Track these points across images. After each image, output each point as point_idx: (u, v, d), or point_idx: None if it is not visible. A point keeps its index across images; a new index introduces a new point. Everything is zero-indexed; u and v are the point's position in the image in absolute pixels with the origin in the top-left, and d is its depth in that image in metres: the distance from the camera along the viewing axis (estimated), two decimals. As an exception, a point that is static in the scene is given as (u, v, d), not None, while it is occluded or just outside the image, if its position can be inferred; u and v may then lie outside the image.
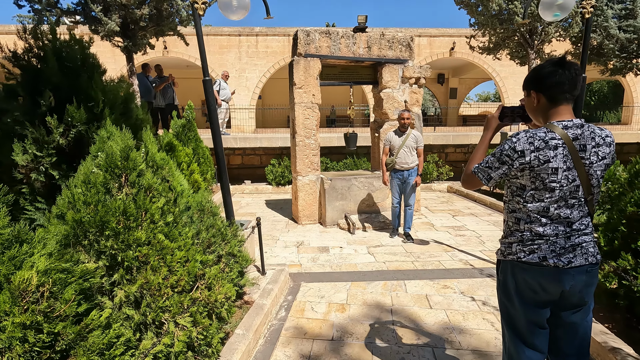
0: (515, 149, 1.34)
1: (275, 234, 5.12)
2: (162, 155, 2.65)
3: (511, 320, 1.50)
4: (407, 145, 4.52)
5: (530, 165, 1.32)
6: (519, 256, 1.41)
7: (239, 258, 2.72)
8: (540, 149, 1.31)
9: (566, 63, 1.33)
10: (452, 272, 3.75)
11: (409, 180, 4.57)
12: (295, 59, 5.23)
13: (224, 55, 14.95)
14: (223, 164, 2.89)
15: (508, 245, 1.46)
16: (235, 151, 9.67)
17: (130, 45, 6.86)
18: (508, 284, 1.47)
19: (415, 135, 4.56)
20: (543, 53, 8.39)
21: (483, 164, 1.45)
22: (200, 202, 2.65)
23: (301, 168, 5.49)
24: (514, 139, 1.36)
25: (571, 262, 1.34)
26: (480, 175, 1.45)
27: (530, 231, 1.39)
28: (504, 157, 1.37)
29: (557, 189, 1.33)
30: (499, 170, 1.39)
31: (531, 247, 1.39)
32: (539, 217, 1.37)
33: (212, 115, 2.78)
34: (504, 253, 1.48)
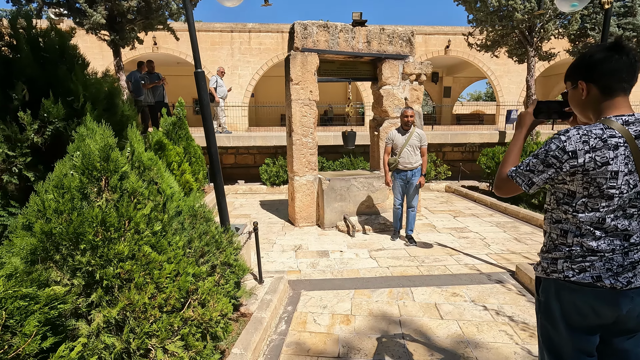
0: (565, 150, 1.12)
1: (271, 237, 4.89)
2: (150, 155, 2.39)
3: (554, 347, 1.29)
4: (411, 144, 4.31)
5: (585, 168, 1.11)
6: (567, 275, 1.20)
7: (236, 268, 2.49)
8: (597, 148, 1.09)
9: (623, 47, 1.12)
10: (459, 277, 3.56)
11: (413, 180, 4.36)
12: (292, 54, 4.99)
13: (216, 52, 14.61)
14: (217, 165, 2.65)
15: (552, 262, 1.25)
16: (228, 150, 9.39)
17: (117, 39, 6.54)
18: (552, 306, 1.25)
19: (419, 133, 4.35)
20: (541, 50, 8.27)
21: (522, 167, 1.23)
22: (192, 206, 2.40)
23: (298, 168, 5.26)
24: (563, 137, 1.14)
25: (631, 282, 1.14)
26: (520, 180, 1.23)
27: (581, 246, 1.18)
28: (550, 158, 1.15)
29: (617, 197, 1.12)
30: (543, 174, 1.18)
31: (582, 265, 1.18)
32: (591, 229, 1.16)
33: (205, 111, 2.54)
34: (547, 270, 1.26)
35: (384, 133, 5.56)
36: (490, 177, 7.70)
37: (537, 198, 6.02)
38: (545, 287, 1.29)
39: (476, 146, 9.66)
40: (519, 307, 2.96)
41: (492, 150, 7.58)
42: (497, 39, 8.45)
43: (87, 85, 2.91)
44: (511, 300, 3.07)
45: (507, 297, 3.13)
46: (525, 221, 5.56)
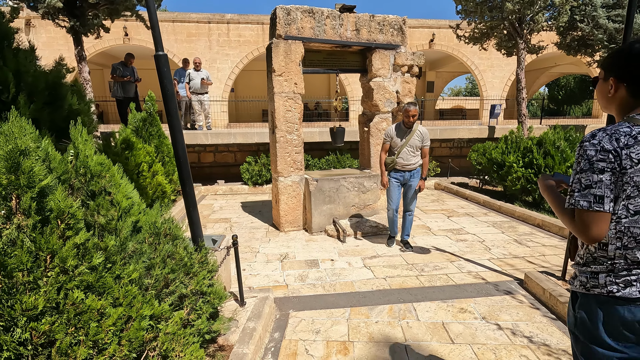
0: (604, 148, 1.04)
1: (254, 245, 4.43)
2: (100, 159, 1.90)
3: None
4: (411, 144, 3.86)
5: (622, 166, 1.03)
6: (610, 290, 1.10)
7: (210, 295, 2.03)
8: (630, 145, 1.03)
9: None
10: (464, 289, 3.22)
11: (411, 182, 3.96)
12: (274, 42, 4.52)
13: (193, 44, 13.85)
14: (186, 169, 2.18)
15: (592, 276, 1.14)
16: (207, 148, 8.82)
17: (77, 25, 5.86)
18: (596, 324, 1.13)
19: (421, 132, 3.88)
20: (530, 43, 8.08)
21: (577, 190, 1.08)
22: (154, 222, 1.93)
23: (282, 168, 4.81)
24: (594, 141, 1.05)
25: None
26: (585, 202, 1.06)
27: (625, 258, 1.08)
28: (598, 164, 1.04)
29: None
30: (603, 182, 1.04)
31: (627, 279, 1.08)
32: (636, 237, 1.06)
33: (170, 103, 2.06)
34: (586, 286, 1.15)
35: (374, 129, 5.17)
36: (481, 173, 7.47)
37: (533, 195, 5.79)
38: (584, 303, 1.17)
39: (464, 142, 9.44)
40: (536, 324, 2.63)
41: (483, 146, 7.34)
42: (486, 31, 8.20)
43: (21, 73, 2.37)
44: (525, 316, 2.74)
45: (520, 312, 2.81)
46: (522, 220, 5.31)
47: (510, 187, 6.04)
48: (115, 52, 14.55)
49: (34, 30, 13.17)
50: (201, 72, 8.18)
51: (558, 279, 3.10)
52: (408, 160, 3.89)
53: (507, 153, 6.45)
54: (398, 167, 3.93)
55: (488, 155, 6.89)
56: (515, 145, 6.47)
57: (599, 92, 1.20)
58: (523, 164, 5.83)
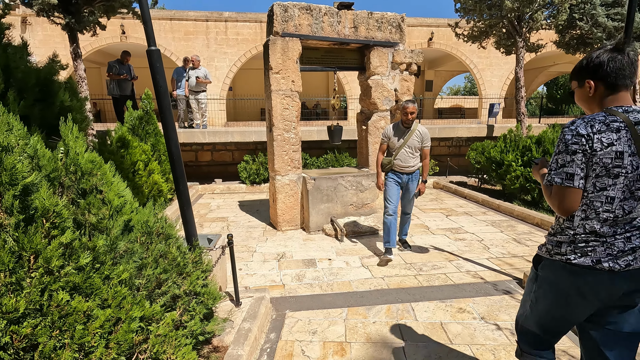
0: (579, 133, 1.20)
1: (251, 244, 4.38)
2: (91, 157, 1.86)
3: (539, 316, 1.41)
4: (410, 145, 3.61)
5: (593, 149, 1.19)
6: (569, 257, 1.29)
7: (204, 296, 1.99)
8: (602, 131, 1.19)
9: (623, 48, 1.23)
10: (463, 288, 3.19)
11: (410, 186, 3.76)
12: (272, 39, 4.47)
13: (191, 42, 13.78)
14: (180, 168, 2.13)
15: (557, 245, 1.34)
16: (204, 146, 8.76)
17: (73, 22, 5.79)
18: (549, 284, 1.36)
19: (420, 132, 3.63)
20: (528, 41, 8.04)
21: (552, 168, 1.27)
22: (147, 221, 1.88)
23: (280, 166, 4.76)
24: (572, 126, 1.23)
25: (630, 265, 1.22)
26: (558, 179, 1.24)
27: (584, 228, 1.26)
28: (571, 146, 1.21)
29: (622, 175, 1.19)
30: (574, 162, 1.21)
31: (584, 249, 1.27)
32: (599, 210, 1.23)
33: (163, 100, 2.02)
34: (550, 252, 1.36)
35: (372, 127, 5.13)
36: (480, 172, 7.45)
37: (532, 194, 5.76)
38: (546, 266, 1.38)
39: (463, 140, 9.41)
40: (535, 324, 2.60)
41: (482, 145, 7.31)
42: (484, 29, 8.15)
43: (10, 69, 2.32)
44: (525, 316, 2.70)
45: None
46: (520, 219, 5.28)
47: (509, 185, 6.01)
48: (112, 50, 14.46)
49: (30, 28, 13.07)
50: (198, 70, 8.12)
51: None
52: (406, 162, 3.65)
53: (506, 152, 6.43)
54: (396, 169, 3.71)
55: (487, 154, 6.86)
56: (514, 144, 6.44)
57: (579, 99, 1.35)
58: (522, 162, 5.80)
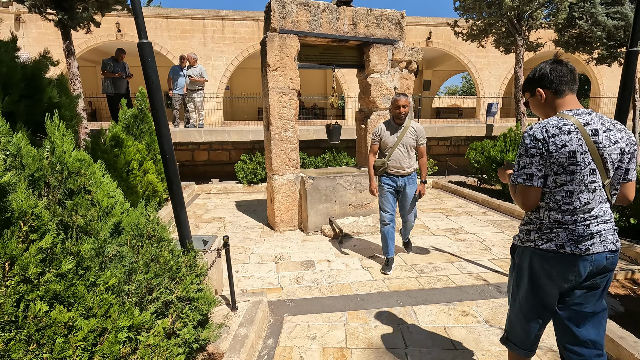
0: (536, 138, 1.36)
1: (248, 245, 4.29)
2: (80, 155, 1.78)
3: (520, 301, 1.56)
4: (404, 142, 3.27)
5: (549, 151, 1.34)
6: (537, 244, 1.45)
7: (199, 301, 1.90)
8: (555, 134, 1.34)
9: (562, 60, 1.43)
10: (466, 291, 3.11)
11: (408, 190, 3.38)
12: (269, 36, 4.37)
13: (187, 41, 13.64)
14: (173, 168, 2.04)
15: (527, 233, 1.50)
16: (201, 146, 8.65)
17: (66, 19, 5.67)
18: (523, 269, 1.53)
19: (415, 129, 3.31)
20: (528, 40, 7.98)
21: (515, 170, 1.42)
22: (137, 223, 1.79)
23: (277, 166, 4.67)
24: (530, 132, 1.38)
25: (589, 249, 1.37)
26: (520, 179, 1.40)
27: (549, 218, 1.42)
28: (530, 149, 1.37)
29: (577, 172, 1.34)
30: (533, 164, 1.37)
31: (549, 236, 1.42)
32: (560, 203, 1.39)
33: (155, 96, 1.92)
34: (522, 240, 1.53)
35: (372, 126, 5.04)
36: (479, 171, 7.39)
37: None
38: (519, 253, 1.55)
39: (461, 140, 9.35)
40: (541, 328, 2.52)
41: (481, 144, 7.25)
42: (484, 28, 8.09)
43: (-6, 63, 2.22)
44: (530, 320, 2.63)
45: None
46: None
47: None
48: (107, 48, 14.30)
49: (24, 25, 12.90)
50: (194, 68, 8.00)
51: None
52: (401, 163, 3.30)
53: (506, 151, 6.37)
54: (390, 171, 3.34)
55: (486, 153, 6.80)
56: (514, 143, 6.38)
57: (534, 107, 1.52)
58: (522, 162, 5.73)
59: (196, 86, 8.04)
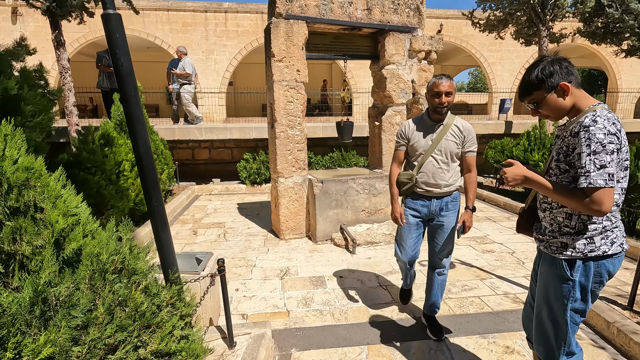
0: (610, 131, 1.23)
1: (250, 257, 3.85)
2: (28, 162, 1.33)
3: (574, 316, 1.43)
4: (443, 148, 2.21)
5: (622, 145, 1.27)
6: (605, 250, 1.34)
7: (183, 354, 1.45)
8: (621, 127, 1.28)
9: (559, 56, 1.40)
10: (504, 318, 2.64)
11: (442, 220, 2.28)
12: (274, 21, 3.90)
13: (189, 34, 13.19)
14: (152, 177, 1.59)
15: (589, 241, 1.35)
16: (201, 144, 8.22)
17: (54, 7, 5.24)
18: (589, 283, 1.38)
19: (460, 128, 2.23)
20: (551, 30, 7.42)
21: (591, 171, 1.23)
22: (98, 254, 1.34)
23: (283, 167, 4.21)
24: (599, 125, 1.24)
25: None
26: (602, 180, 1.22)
27: (611, 220, 1.34)
28: (608, 146, 1.22)
29: (627, 168, 1.32)
30: (613, 161, 1.23)
31: (612, 238, 1.34)
32: (619, 202, 1.32)
33: (126, 83, 1.47)
34: (584, 251, 1.35)
35: (387, 123, 4.57)
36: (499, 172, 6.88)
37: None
38: (582, 269, 1.37)
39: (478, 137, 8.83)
40: (608, 372, 2.06)
41: (501, 143, 6.74)
42: (503, 18, 7.54)
43: None
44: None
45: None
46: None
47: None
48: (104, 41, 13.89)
49: (20, 19, 12.51)
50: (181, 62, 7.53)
51: (624, 309, 2.52)
52: (436, 179, 2.22)
53: (530, 151, 5.86)
54: (420, 190, 2.28)
55: (508, 152, 6.30)
56: (540, 141, 5.87)
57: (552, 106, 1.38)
58: (551, 163, 5.23)
59: (181, 80, 7.54)
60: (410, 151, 2.33)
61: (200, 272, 2.31)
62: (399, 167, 2.40)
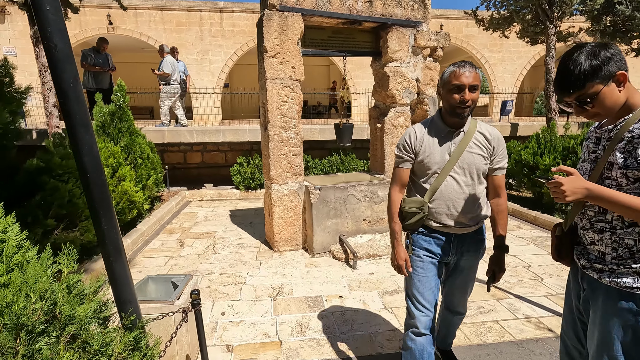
0: None
1: (240, 272, 3.49)
2: None
3: None
4: (467, 163, 1.63)
5: None
6: None
7: None
8: None
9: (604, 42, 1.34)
10: (529, 349, 2.30)
11: (465, 263, 1.77)
12: (266, 13, 3.56)
13: (183, 34, 12.85)
14: (100, 194, 1.24)
15: None
16: (194, 147, 7.86)
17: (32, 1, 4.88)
18: None
19: (486, 135, 1.65)
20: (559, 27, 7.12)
21: None
22: (10, 303, 0.98)
23: (277, 173, 3.86)
24: None
25: None
26: None
27: None
28: None
29: None
30: None
31: None
32: None
33: (62, 74, 1.12)
34: None
35: (389, 125, 4.23)
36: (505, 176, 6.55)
37: (576, 205, 4.85)
38: None
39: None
40: None
41: (508, 145, 6.41)
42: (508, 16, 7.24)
43: None
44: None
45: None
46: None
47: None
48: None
49: (9, 17, 12.13)
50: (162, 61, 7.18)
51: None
52: (459, 207, 1.65)
53: (540, 154, 5.53)
54: (434, 222, 1.69)
55: (516, 156, 5.97)
56: (550, 144, 5.55)
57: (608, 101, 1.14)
58: (564, 167, 4.89)
59: (160, 81, 7.15)
60: (420, 169, 1.69)
61: (174, 301, 1.95)
62: (401, 191, 1.74)
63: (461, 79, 1.52)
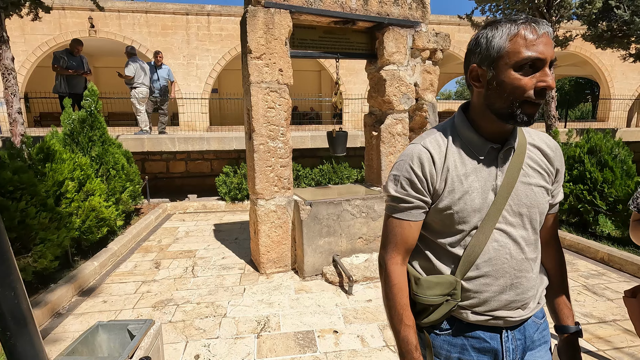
0: None
1: (220, 301, 3.07)
2: None
3: None
4: (525, 201, 0.89)
5: None
6: None
7: None
8: None
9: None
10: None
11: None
12: (250, 10, 3.20)
13: (169, 38, 12.43)
14: None
15: None
16: (177, 156, 7.41)
17: (-5, -3, 4.45)
18: None
19: (544, 149, 0.93)
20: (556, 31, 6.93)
21: None
22: None
23: (263, 187, 3.47)
24: None
25: None
26: None
27: None
28: None
29: None
30: None
31: None
32: None
33: None
34: None
35: (386, 133, 3.88)
36: None
37: (587, 217, 4.56)
38: None
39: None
40: None
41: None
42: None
43: None
44: None
45: None
46: (575, 251, 4.10)
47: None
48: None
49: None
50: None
51: None
52: (520, 281, 0.91)
53: (543, 163, 5.25)
54: (473, 314, 0.93)
55: (516, 164, 5.67)
56: (553, 153, 5.26)
57: None
58: (571, 178, 4.61)
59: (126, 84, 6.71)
60: (444, 222, 0.93)
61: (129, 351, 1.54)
62: (404, 261, 0.99)
63: (539, 47, 0.79)
